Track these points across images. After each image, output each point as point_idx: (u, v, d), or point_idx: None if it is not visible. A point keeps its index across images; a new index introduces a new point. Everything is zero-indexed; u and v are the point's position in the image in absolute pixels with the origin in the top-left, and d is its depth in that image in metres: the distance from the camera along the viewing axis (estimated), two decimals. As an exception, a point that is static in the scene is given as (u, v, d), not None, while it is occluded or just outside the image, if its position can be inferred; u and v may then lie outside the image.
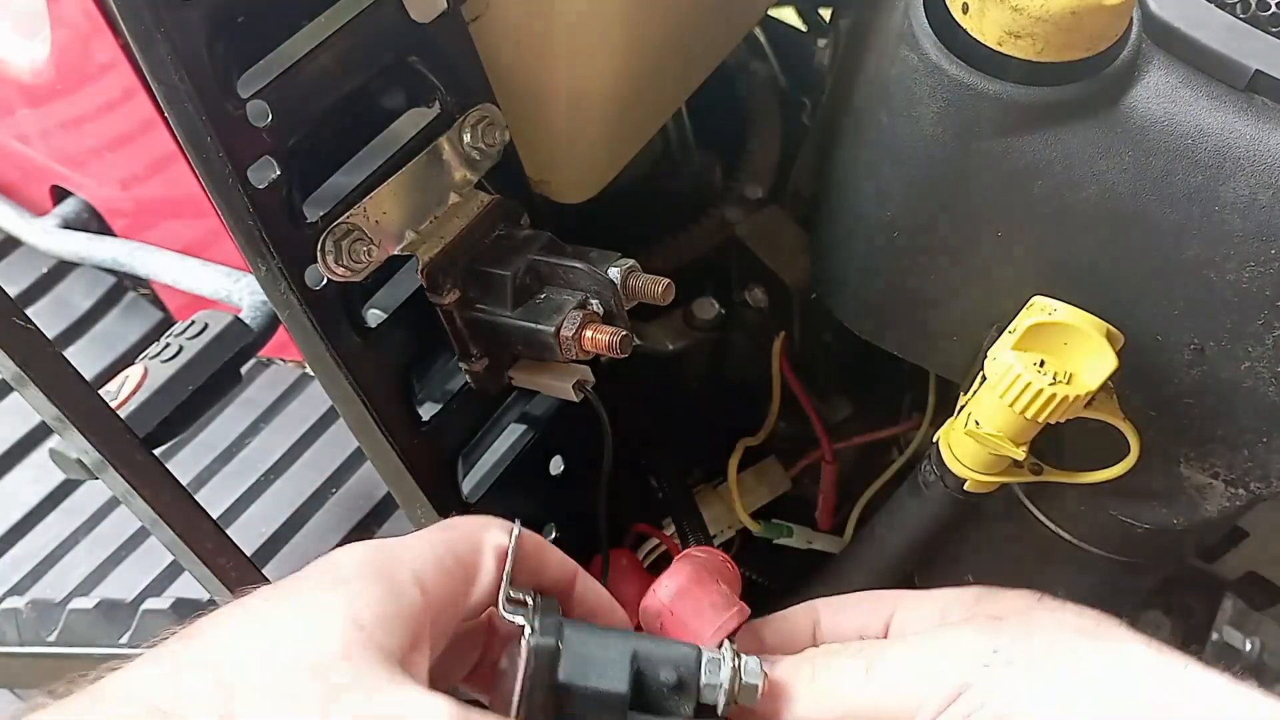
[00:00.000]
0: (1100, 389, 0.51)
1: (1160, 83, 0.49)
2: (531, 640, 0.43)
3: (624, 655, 0.45)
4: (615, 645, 0.45)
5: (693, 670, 0.46)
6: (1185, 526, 0.60)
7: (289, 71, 0.47)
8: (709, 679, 0.46)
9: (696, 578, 0.52)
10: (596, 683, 0.44)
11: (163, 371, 0.62)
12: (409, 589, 0.42)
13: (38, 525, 0.89)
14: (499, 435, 0.62)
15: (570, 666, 0.44)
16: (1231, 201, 0.48)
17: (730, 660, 0.46)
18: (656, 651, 0.46)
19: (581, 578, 0.51)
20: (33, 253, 0.95)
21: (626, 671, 0.44)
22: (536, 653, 0.43)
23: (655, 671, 0.45)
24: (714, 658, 0.46)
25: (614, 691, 0.44)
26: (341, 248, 0.50)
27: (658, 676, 0.45)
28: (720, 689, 0.45)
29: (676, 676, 0.45)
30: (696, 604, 0.51)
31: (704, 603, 0.51)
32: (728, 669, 0.46)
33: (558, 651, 0.44)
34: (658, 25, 0.61)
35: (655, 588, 0.52)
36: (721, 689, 0.45)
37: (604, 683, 0.44)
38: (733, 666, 0.46)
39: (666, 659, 0.46)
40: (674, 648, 0.46)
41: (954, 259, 0.57)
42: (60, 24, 0.74)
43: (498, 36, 0.56)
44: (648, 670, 0.45)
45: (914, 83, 0.51)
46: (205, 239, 0.79)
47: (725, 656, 0.46)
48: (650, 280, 0.54)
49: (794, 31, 1.02)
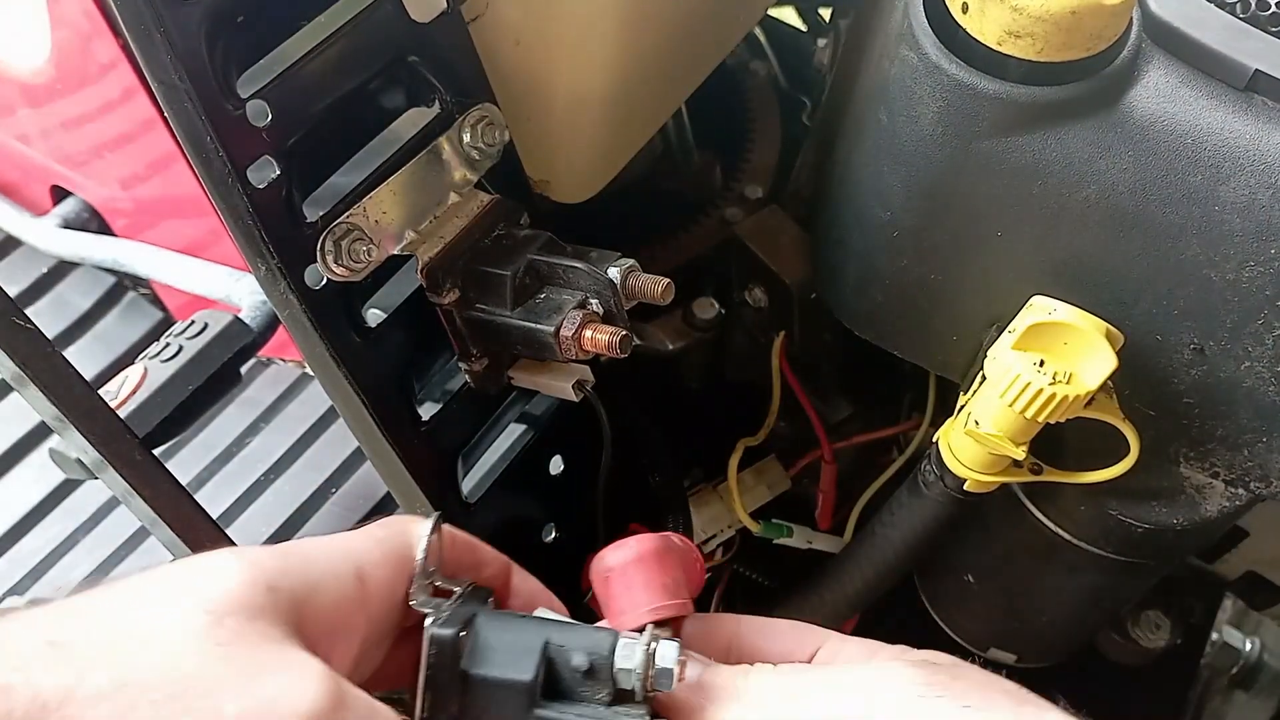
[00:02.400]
0: (1100, 389, 0.51)
1: (1160, 82, 0.49)
2: (429, 629, 0.43)
3: (535, 643, 0.44)
4: (527, 633, 0.45)
5: (605, 656, 0.45)
6: (1185, 526, 0.60)
7: (289, 71, 0.47)
8: (622, 664, 0.45)
9: (657, 557, 0.51)
10: (501, 671, 0.44)
11: (163, 371, 0.62)
12: (345, 577, 0.42)
13: (38, 525, 0.88)
14: (499, 435, 0.62)
15: (475, 655, 0.44)
16: (1231, 201, 0.48)
17: (645, 645, 0.45)
18: (570, 639, 0.45)
19: (516, 571, 0.51)
20: (33, 253, 0.95)
21: (535, 660, 0.44)
22: (435, 641, 0.43)
23: (567, 658, 0.45)
24: (629, 642, 0.45)
25: (519, 680, 0.44)
26: (341, 247, 0.50)
27: (570, 663, 0.45)
28: (633, 674, 0.45)
29: (588, 662, 0.45)
30: (645, 579, 0.50)
31: (653, 582, 0.50)
32: (640, 653, 0.45)
33: (459, 640, 0.44)
34: (658, 25, 0.61)
35: (612, 547, 0.51)
36: (635, 674, 0.45)
37: (509, 671, 0.44)
38: (646, 651, 0.45)
39: (579, 645, 0.45)
40: (589, 634, 0.46)
41: (954, 259, 0.57)
42: (60, 24, 0.74)
43: (498, 36, 0.56)
44: (559, 658, 0.45)
45: (914, 82, 0.51)
46: (205, 239, 0.79)
47: (640, 641, 0.45)
48: (650, 280, 0.54)
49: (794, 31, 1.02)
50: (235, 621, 0.37)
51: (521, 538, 0.64)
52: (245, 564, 0.39)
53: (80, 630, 0.36)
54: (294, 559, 0.41)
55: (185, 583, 0.38)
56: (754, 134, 0.87)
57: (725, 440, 0.81)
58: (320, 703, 0.36)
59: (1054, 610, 0.72)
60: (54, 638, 0.35)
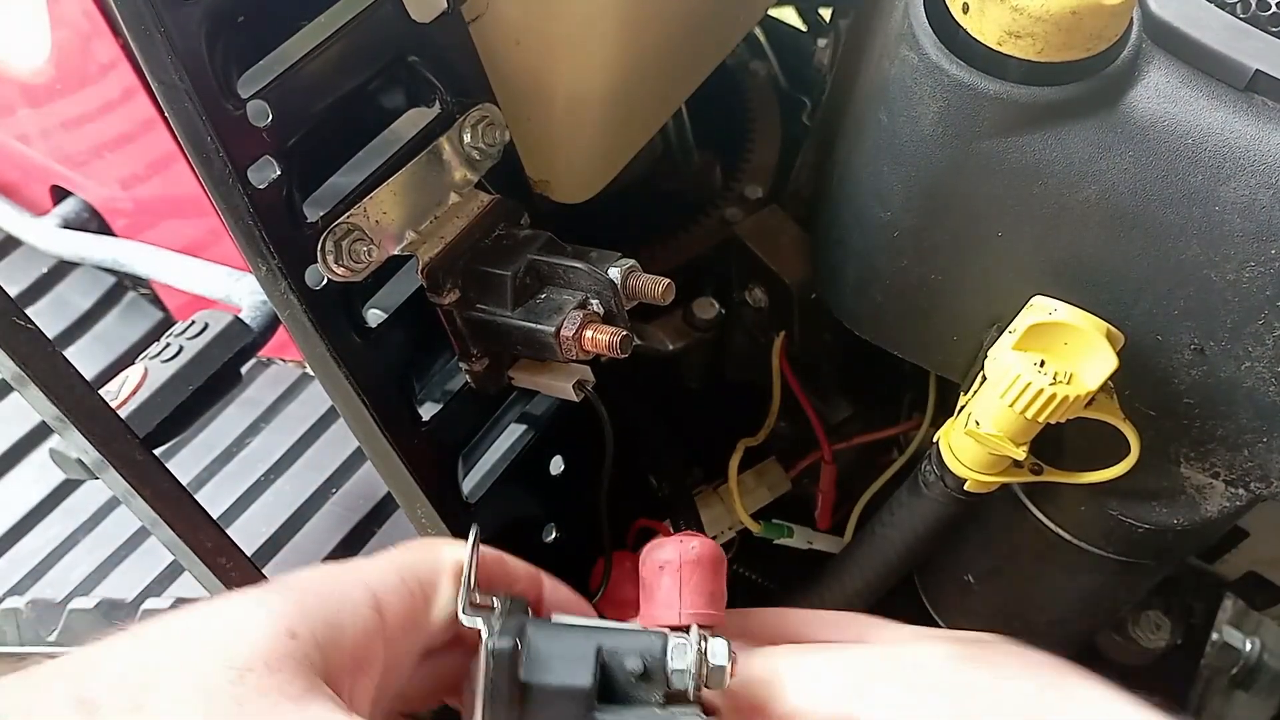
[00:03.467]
0: (1100, 389, 0.51)
1: (1160, 83, 0.49)
2: (489, 643, 0.43)
3: (588, 649, 0.45)
4: (579, 640, 0.45)
5: (658, 657, 0.45)
6: (1186, 527, 0.60)
7: (289, 71, 0.47)
8: (675, 664, 0.45)
9: (715, 564, 0.51)
10: (559, 679, 0.44)
11: (163, 371, 0.62)
12: (363, 609, 0.42)
13: (38, 525, 0.88)
14: (499, 435, 0.62)
15: (532, 665, 0.44)
16: (1232, 201, 0.48)
17: (696, 644, 0.46)
18: (622, 643, 0.46)
19: (548, 580, 0.51)
20: (33, 253, 0.94)
21: (591, 665, 0.44)
22: (495, 655, 0.43)
23: (621, 662, 0.45)
24: (680, 643, 0.46)
25: (577, 686, 0.44)
26: (342, 248, 0.50)
27: (624, 667, 0.45)
28: (688, 674, 0.45)
29: (642, 665, 0.45)
30: (699, 580, 0.50)
31: (704, 587, 0.50)
32: (693, 653, 0.45)
33: (516, 651, 0.44)
34: (658, 25, 0.61)
35: (676, 540, 0.51)
36: (689, 674, 0.45)
37: (567, 678, 0.44)
38: (698, 650, 0.46)
39: (632, 649, 0.45)
40: (639, 637, 0.46)
41: (954, 259, 0.57)
42: (60, 24, 0.74)
43: (498, 36, 0.56)
44: (613, 662, 0.45)
45: (914, 82, 0.51)
46: (205, 239, 0.79)
47: (691, 640, 0.46)
48: (650, 280, 0.54)
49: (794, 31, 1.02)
50: (256, 677, 0.37)
51: (522, 538, 0.64)
52: (265, 612, 0.39)
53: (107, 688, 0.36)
54: (311, 599, 0.41)
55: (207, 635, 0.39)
56: (754, 134, 0.87)
57: (725, 441, 0.80)
58: None
59: (1054, 610, 0.72)
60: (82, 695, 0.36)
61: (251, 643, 0.38)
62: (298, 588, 0.41)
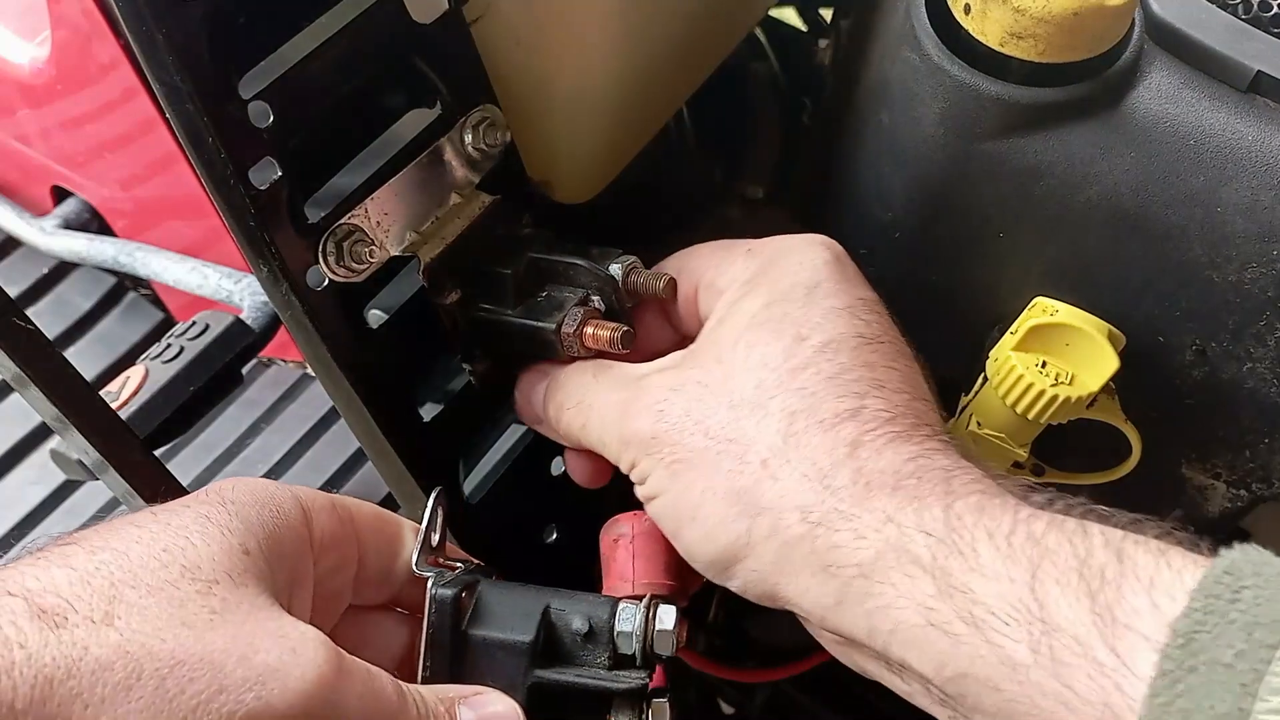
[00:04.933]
0: (1102, 390, 0.51)
1: (1162, 84, 0.49)
2: (432, 589, 0.44)
3: (535, 608, 0.45)
4: (529, 598, 0.46)
5: (604, 620, 0.46)
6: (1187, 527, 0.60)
7: (290, 72, 0.47)
8: (621, 627, 0.46)
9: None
10: (501, 632, 0.44)
11: (164, 372, 0.62)
12: (298, 526, 0.42)
13: (38, 525, 0.88)
14: (500, 436, 0.62)
15: (476, 617, 0.45)
16: (1233, 202, 0.48)
17: (644, 609, 0.46)
18: (571, 604, 0.46)
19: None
20: (33, 253, 0.94)
21: (535, 623, 0.45)
22: (436, 601, 0.44)
23: (568, 622, 0.45)
24: (628, 607, 0.46)
25: (518, 640, 0.44)
26: (343, 249, 0.50)
27: (570, 627, 0.45)
28: (633, 636, 0.45)
29: (588, 625, 0.45)
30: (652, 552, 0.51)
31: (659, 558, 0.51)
32: (639, 617, 0.46)
33: (461, 601, 0.44)
34: (658, 25, 0.61)
35: (629, 515, 0.52)
36: (634, 636, 0.45)
37: (509, 633, 0.44)
38: (646, 615, 0.46)
39: (579, 610, 0.46)
40: (591, 602, 0.46)
41: (955, 260, 0.57)
42: (60, 24, 0.74)
43: (499, 37, 0.56)
44: (559, 621, 0.45)
45: (915, 83, 0.51)
46: (206, 239, 0.79)
47: (640, 606, 0.46)
48: (651, 276, 0.54)
49: (794, 31, 1.01)
50: (223, 589, 0.37)
51: (523, 538, 0.64)
52: (215, 528, 0.39)
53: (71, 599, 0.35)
54: (253, 514, 0.41)
55: (161, 547, 0.38)
56: (754, 134, 0.87)
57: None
58: (322, 671, 0.37)
59: (1055, 611, 0.72)
60: (43, 606, 0.34)
61: (211, 557, 0.38)
62: (236, 501, 0.41)
